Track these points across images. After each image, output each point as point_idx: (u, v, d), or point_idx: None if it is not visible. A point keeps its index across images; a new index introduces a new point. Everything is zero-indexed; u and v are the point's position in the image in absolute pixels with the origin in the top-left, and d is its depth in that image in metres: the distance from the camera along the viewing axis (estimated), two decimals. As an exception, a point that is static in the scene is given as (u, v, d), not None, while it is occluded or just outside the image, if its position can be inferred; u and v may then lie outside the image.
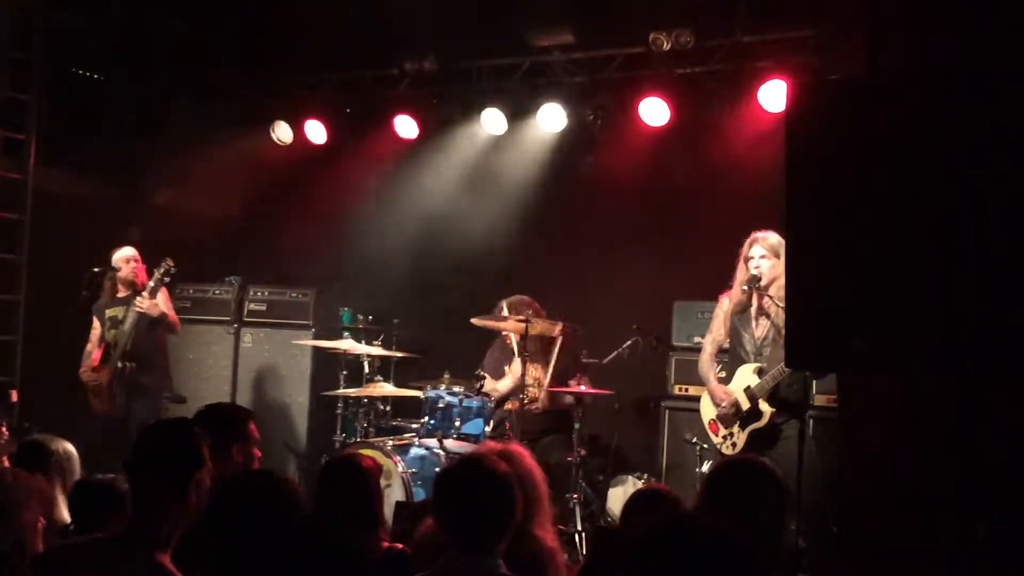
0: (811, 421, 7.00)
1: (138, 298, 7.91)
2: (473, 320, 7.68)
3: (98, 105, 9.53)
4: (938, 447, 4.69)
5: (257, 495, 3.35)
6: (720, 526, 2.29)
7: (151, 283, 7.95)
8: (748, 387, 6.43)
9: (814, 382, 7.32)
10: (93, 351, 8.10)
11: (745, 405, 6.43)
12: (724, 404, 6.50)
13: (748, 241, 6.54)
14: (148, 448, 3.38)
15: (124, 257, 8.11)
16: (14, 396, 8.32)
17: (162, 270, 7.94)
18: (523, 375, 7.44)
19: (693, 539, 2.27)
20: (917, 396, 4.81)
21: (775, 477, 3.59)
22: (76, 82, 9.66)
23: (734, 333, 6.65)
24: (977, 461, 4.22)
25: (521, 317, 7.40)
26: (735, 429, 6.50)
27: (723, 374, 6.75)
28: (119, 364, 7.90)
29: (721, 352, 6.81)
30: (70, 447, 4.84)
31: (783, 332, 6.06)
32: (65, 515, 4.29)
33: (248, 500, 3.34)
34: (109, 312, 8.12)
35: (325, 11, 8.25)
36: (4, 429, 5.00)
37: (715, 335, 6.80)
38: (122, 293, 8.13)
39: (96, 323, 8.17)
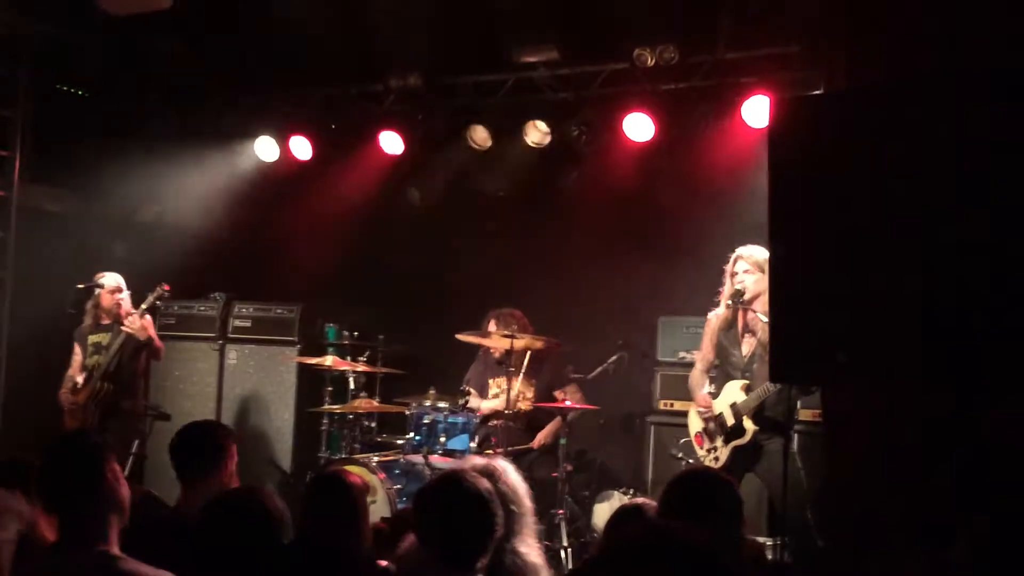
0: (796, 436, 7.01)
1: (129, 318, 7.87)
2: (459, 336, 7.68)
3: (83, 121, 9.50)
4: (922, 459, 4.70)
5: (243, 513, 3.35)
6: (696, 537, 2.29)
7: (143, 305, 7.93)
8: (734, 403, 6.45)
9: (798, 400, 7.36)
10: (76, 376, 8.05)
11: (730, 421, 6.44)
12: (704, 411, 6.53)
13: (732, 257, 6.57)
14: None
15: (109, 288, 8.06)
16: None
17: (156, 294, 7.93)
18: (508, 389, 7.42)
19: (669, 551, 2.26)
20: (901, 409, 4.82)
21: (731, 488, 3.63)
22: (61, 98, 9.64)
23: (721, 351, 6.67)
24: (961, 472, 4.23)
25: (506, 332, 7.40)
26: (719, 443, 6.52)
27: (713, 389, 6.76)
28: (98, 385, 7.87)
29: (714, 368, 6.84)
30: None
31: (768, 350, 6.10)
32: (48, 533, 4.26)
33: (234, 518, 3.34)
34: (92, 338, 8.08)
35: (310, 27, 8.25)
36: None
37: (704, 353, 6.82)
38: (105, 320, 8.09)
39: (77, 349, 8.13)
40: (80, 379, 7.99)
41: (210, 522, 3.36)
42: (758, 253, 6.43)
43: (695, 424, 6.75)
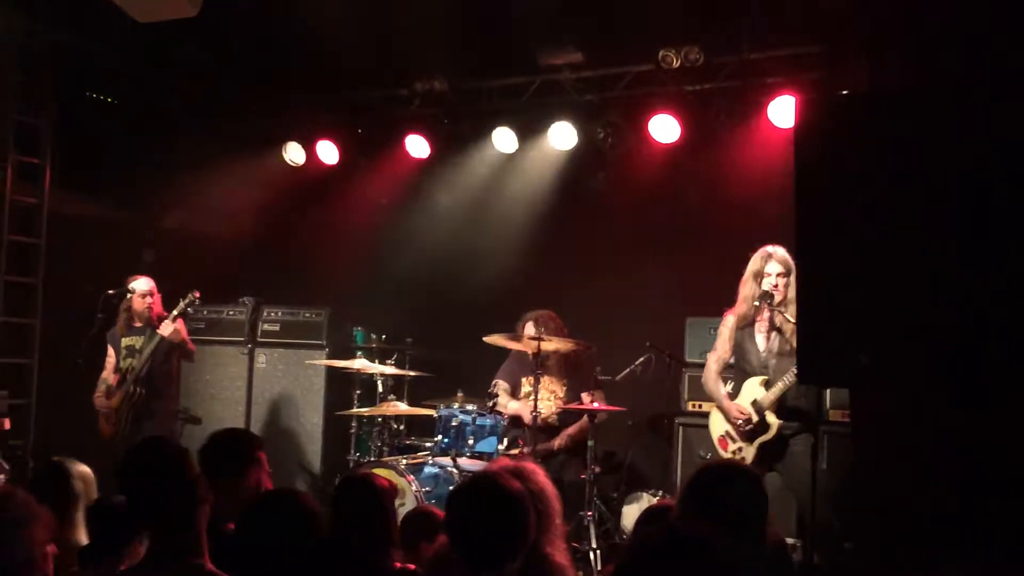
0: (825, 436, 6.99)
1: (164, 323, 7.93)
2: (486, 339, 7.68)
3: (111, 128, 9.58)
4: (950, 460, 4.69)
5: (282, 514, 3.38)
6: (709, 536, 2.31)
7: (175, 311, 8.00)
8: (755, 400, 6.43)
9: (828, 394, 7.33)
10: (109, 378, 8.12)
11: (753, 418, 6.43)
12: (741, 421, 6.48)
13: (760, 256, 6.51)
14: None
15: (140, 292, 8.11)
16: (7, 424, 8.37)
17: (187, 300, 8.00)
18: (536, 390, 7.42)
19: (680, 549, 2.28)
20: (928, 409, 4.81)
21: (753, 478, 3.58)
22: (90, 106, 9.73)
23: (739, 349, 6.65)
24: (988, 474, 4.21)
25: (533, 335, 7.39)
26: (744, 443, 6.50)
27: (731, 389, 6.74)
28: (131, 389, 7.94)
29: (727, 368, 6.81)
30: (87, 469, 4.86)
31: (793, 345, 6.08)
32: (83, 537, 4.30)
33: (273, 519, 3.37)
34: (125, 341, 8.14)
35: (336, 32, 8.29)
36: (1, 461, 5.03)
37: (719, 353, 6.79)
38: (137, 323, 8.16)
39: (111, 351, 8.19)
40: (113, 380, 8.07)
41: (249, 522, 3.39)
42: (786, 254, 6.40)
43: (718, 427, 6.72)
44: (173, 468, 3.50)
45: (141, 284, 8.13)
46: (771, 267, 6.44)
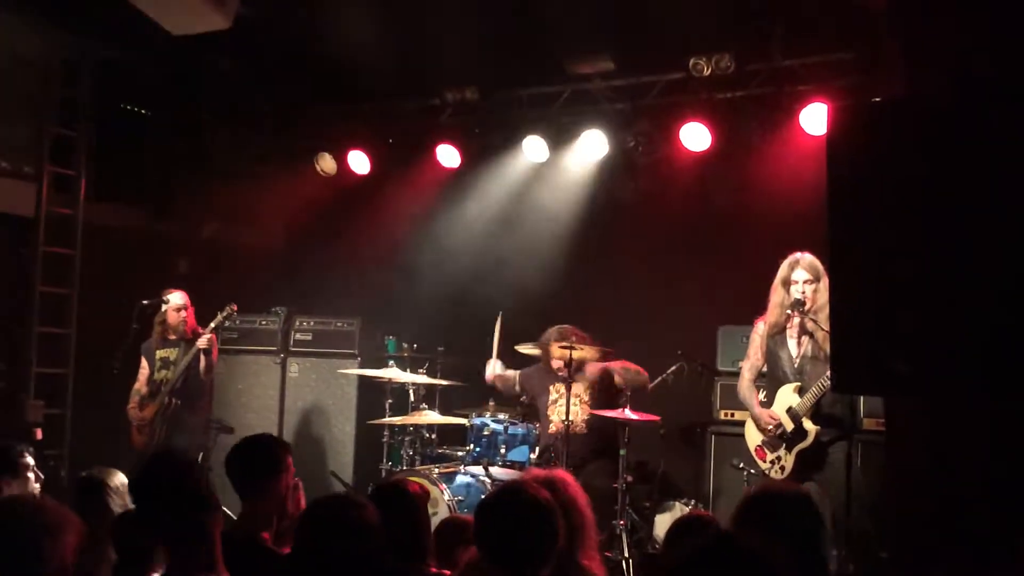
0: (859, 445, 6.94)
1: (202, 338, 7.98)
2: (518, 347, 7.69)
3: (145, 140, 9.66)
4: (986, 469, 4.64)
5: (344, 520, 3.35)
6: (758, 549, 2.29)
7: (212, 324, 8.06)
8: (790, 407, 6.40)
9: (862, 401, 7.29)
10: (141, 389, 8.18)
11: (789, 426, 6.39)
12: (771, 427, 6.45)
13: (788, 263, 6.49)
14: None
15: (175, 305, 8.16)
16: (39, 434, 8.44)
17: (225, 313, 8.06)
18: (568, 399, 7.40)
19: (730, 562, 2.26)
20: (964, 417, 4.76)
21: (813, 507, 3.49)
22: (124, 118, 9.81)
23: (771, 356, 6.62)
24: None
25: (564, 343, 7.38)
26: (782, 452, 6.46)
27: (764, 397, 6.71)
28: (165, 400, 7.98)
29: (760, 376, 6.78)
30: (125, 480, 4.91)
31: (825, 350, 6.04)
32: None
33: (335, 526, 3.34)
34: (160, 353, 8.19)
35: (366, 42, 8.33)
36: (35, 470, 5.07)
37: (752, 361, 6.77)
38: (172, 336, 8.21)
39: (144, 363, 8.24)
40: (145, 391, 8.12)
41: (310, 526, 3.37)
42: (814, 260, 6.38)
43: (754, 437, 6.69)
44: (179, 482, 3.51)
45: (176, 298, 8.19)
46: (798, 274, 6.42)
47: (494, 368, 8.15)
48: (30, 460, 4.92)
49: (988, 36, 4.79)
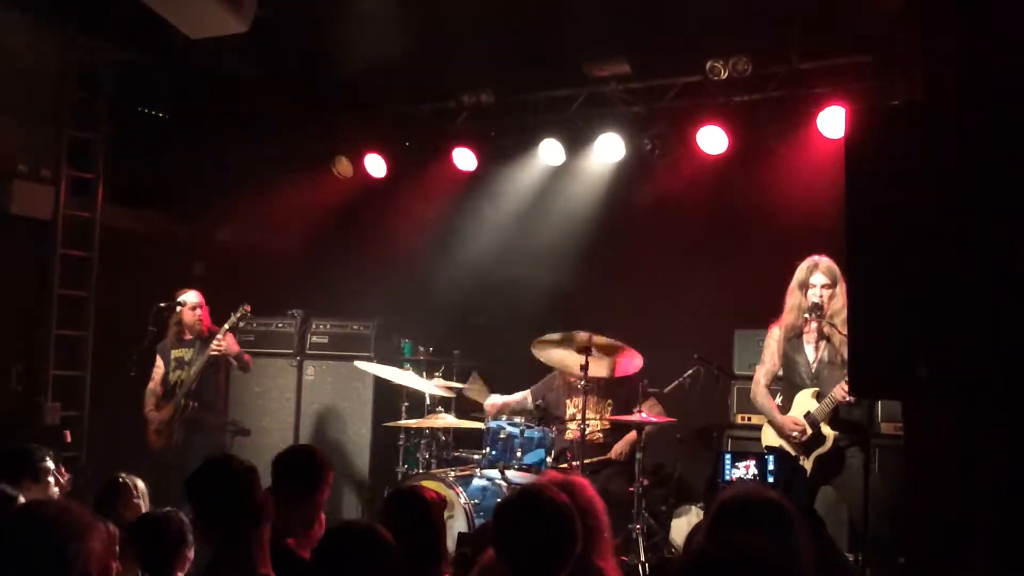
0: (877, 450, 6.91)
1: (215, 341, 8.00)
2: (534, 345, 7.62)
3: (162, 143, 9.69)
4: (1006, 473, 4.61)
5: (362, 551, 3.30)
6: (766, 551, 2.29)
7: (226, 325, 8.07)
8: (808, 412, 6.37)
9: (880, 406, 7.25)
10: (156, 389, 8.20)
11: (808, 431, 6.36)
12: (796, 433, 6.41)
13: (806, 266, 6.45)
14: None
15: (190, 304, 8.19)
16: (68, 437, 8.47)
17: (239, 314, 8.07)
18: (584, 408, 7.38)
19: (738, 563, 2.26)
20: (984, 421, 4.73)
21: (785, 511, 3.46)
22: (141, 121, 9.85)
23: (787, 360, 6.58)
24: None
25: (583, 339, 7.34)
26: (800, 457, 6.43)
27: (780, 402, 6.68)
28: (182, 402, 8.00)
29: (776, 381, 6.74)
30: (143, 485, 4.95)
31: (842, 355, 6.01)
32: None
33: (356, 551, 3.30)
34: (175, 353, 8.22)
35: (382, 46, 8.34)
36: (64, 470, 5.08)
37: (768, 366, 6.72)
38: (188, 336, 8.23)
39: (159, 362, 8.26)
40: (160, 391, 8.14)
41: (331, 552, 3.34)
42: (833, 264, 6.35)
43: (771, 442, 6.65)
44: (242, 487, 3.54)
45: (190, 297, 8.21)
46: (816, 278, 6.38)
47: (493, 401, 8.13)
48: (51, 464, 4.93)
49: (1007, 38, 4.76)
